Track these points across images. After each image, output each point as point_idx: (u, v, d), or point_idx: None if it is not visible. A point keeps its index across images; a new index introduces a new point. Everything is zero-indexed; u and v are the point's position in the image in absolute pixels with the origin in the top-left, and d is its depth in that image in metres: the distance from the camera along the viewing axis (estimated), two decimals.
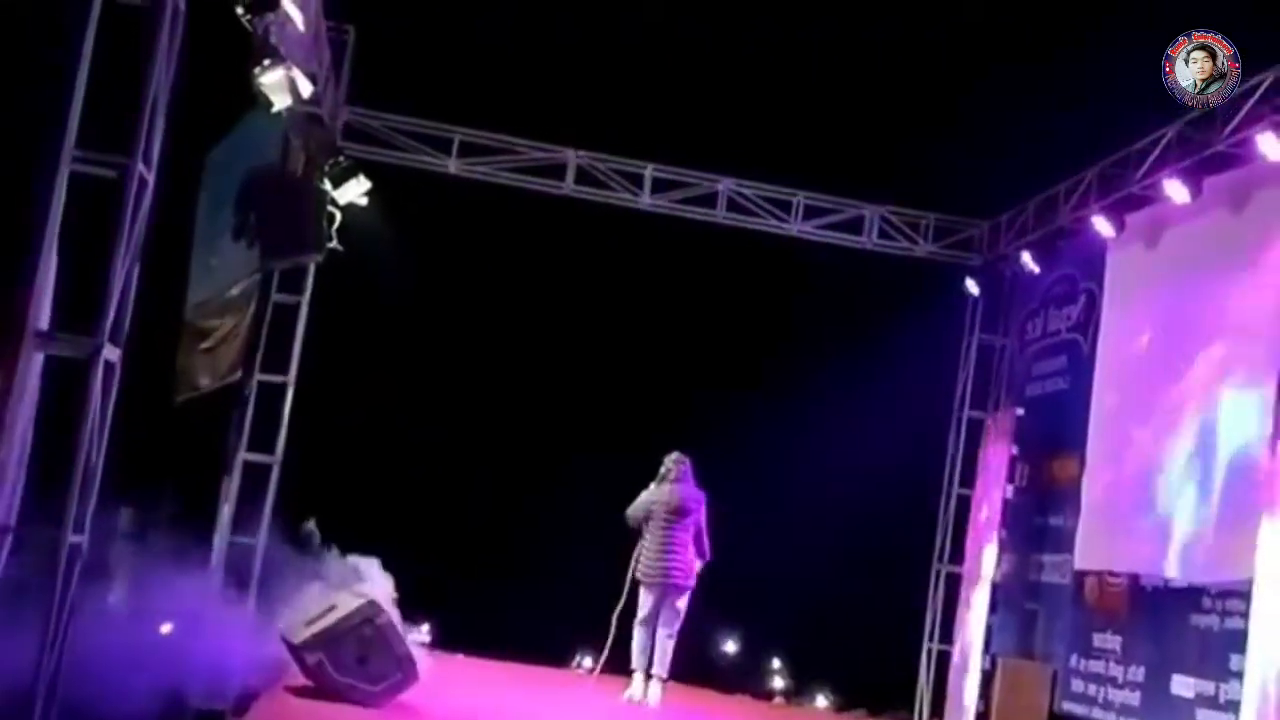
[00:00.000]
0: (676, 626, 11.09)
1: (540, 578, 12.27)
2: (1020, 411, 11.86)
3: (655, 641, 11.02)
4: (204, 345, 11.22)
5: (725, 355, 13.19)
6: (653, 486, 11.24)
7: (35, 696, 5.99)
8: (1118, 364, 11.17)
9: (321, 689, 8.54)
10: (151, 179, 6.48)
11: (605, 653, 11.38)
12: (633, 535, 11.23)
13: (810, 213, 12.94)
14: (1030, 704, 11.16)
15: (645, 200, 12.70)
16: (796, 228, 12.90)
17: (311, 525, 10.93)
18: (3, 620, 6.19)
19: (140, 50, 6.42)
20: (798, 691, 13.25)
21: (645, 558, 11.09)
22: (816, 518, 12.93)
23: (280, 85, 9.00)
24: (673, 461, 11.22)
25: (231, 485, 10.92)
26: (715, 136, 12.45)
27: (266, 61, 8.84)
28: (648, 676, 10.99)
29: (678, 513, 11.10)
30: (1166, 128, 10.09)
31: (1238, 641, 8.52)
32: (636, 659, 11.03)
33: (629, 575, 11.13)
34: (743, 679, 13.21)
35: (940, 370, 13.26)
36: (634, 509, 11.17)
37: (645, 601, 11.07)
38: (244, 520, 10.96)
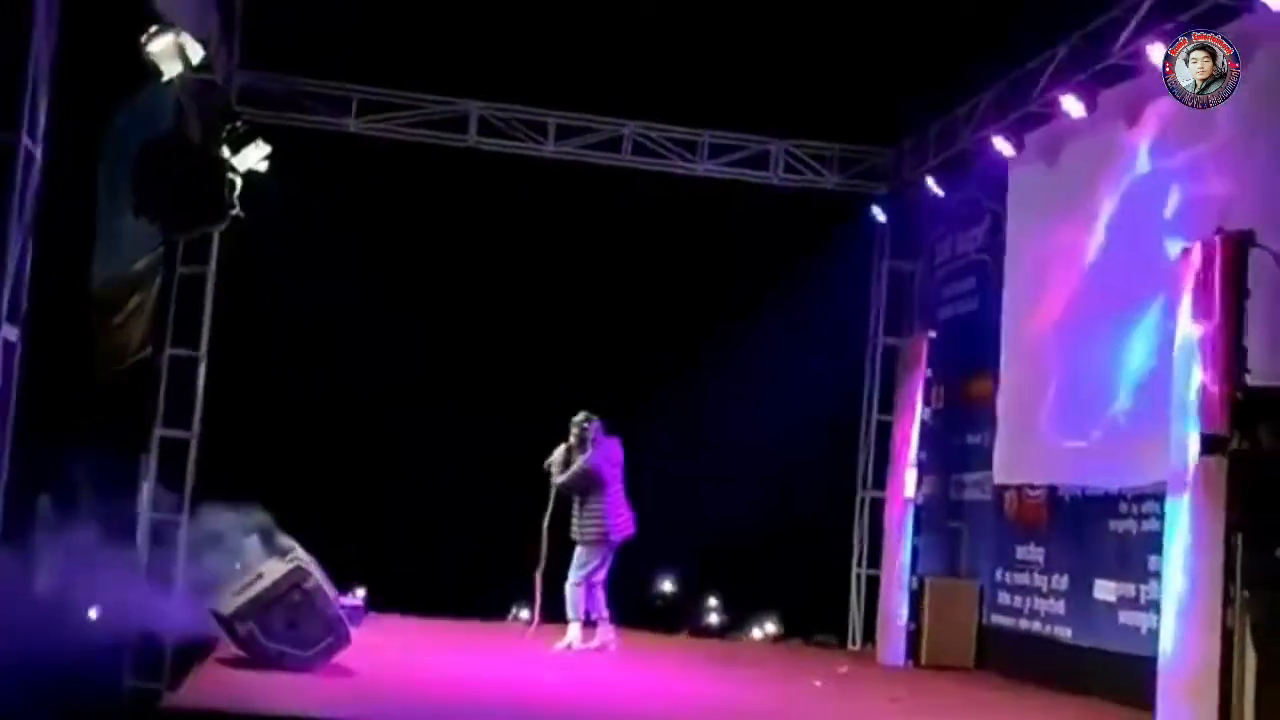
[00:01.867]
0: None
1: (467, 534, 12.26)
2: (933, 334, 12.00)
3: (591, 590, 11.03)
4: (113, 322, 11.04)
5: (638, 300, 13.17)
6: (560, 451, 11.06)
7: None
8: (1025, 281, 11.33)
9: (254, 658, 8.51)
10: (39, 153, 6.37)
11: (537, 613, 11.36)
12: (547, 495, 11.12)
13: (716, 151, 12.98)
14: (959, 621, 11.39)
15: (550, 148, 12.68)
16: (703, 167, 12.93)
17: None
18: None
19: (18, 21, 6.29)
20: (736, 626, 13.37)
21: (595, 518, 10.94)
22: (741, 455, 13.01)
23: (169, 52, 8.87)
24: (586, 421, 11.10)
25: (150, 463, 10.81)
26: (617, 80, 12.38)
27: (153, 29, 8.70)
28: (590, 624, 10.99)
29: (619, 466, 11.09)
30: (1059, 45, 10.19)
31: (1155, 543, 8.71)
32: (580, 610, 10.96)
33: (544, 534, 11.04)
34: (682, 619, 13.30)
35: (854, 300, 13.38)
36: (576, 476, 10.98)
37: (592, 559, 10.94)
38: (165, 497, 10.86)
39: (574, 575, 10.99)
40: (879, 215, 13.10)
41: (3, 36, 6.29)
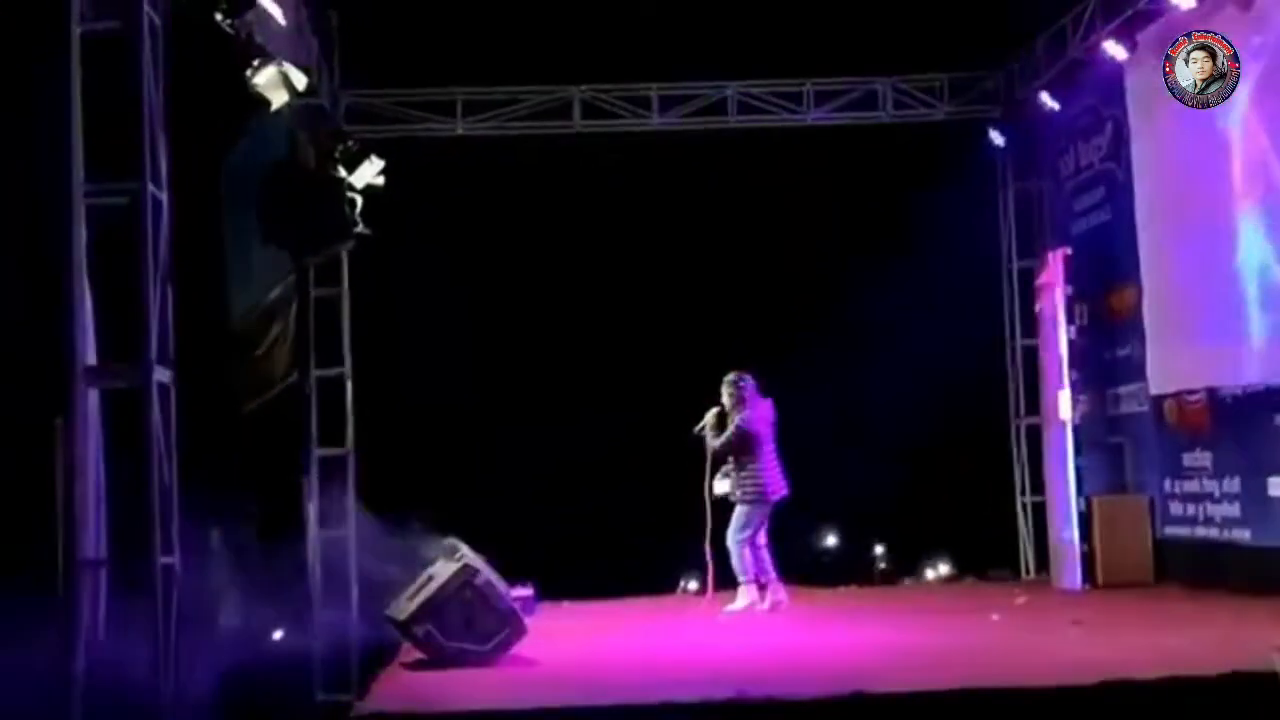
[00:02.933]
0: None
1: (625, 515, 12.32)
2: (1069, 251, 11.77)
3: (756, 552, 11.04)
4: (256, 353, 11.30)
5: (767, 259, 13.14)
6: (712, 414, 11.05)
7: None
8: (1156, 184, 11.08)
9: (435, 658, 8.68)
10: (165, 198, 6.52)
11: (711, 583, 11.36)
12: (704, 460, 11.09)
13: (822, 98, 12.86)
14: (1132, 537, 11.18)
15: (655, 121, 12.68)
16: (811, 116, 12.82)
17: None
18: (118, 650, 6.35)
19: (128, 72, 6.45)
20: (905, 571, 13.25)
21: (752, 478, 10.92)
22: (889, 400, 12.91)
23: (274, 83, 9.04)
24: (740, 380, 11.08)
25: (311, 483, 11.04)
26: (713, 43, 12.34)
27: (256, 62, 8.88)
28: (760, 585, 11.02)
29: (772, 425, 11.08)
30: None
31: None
32: (750, 572, 10.96)
33: (707, 500, 11.03)
34: (847, 571, 13.22)
35: (982, 227, 13.16)
36: (732, 438, 10.94)
37: (753, 519, 10.94)
38: (330, 515, 11.09)
39: (736, 536, 10.99)
40: (997, 139, 12.87)
41: (115, 87, 6.45)
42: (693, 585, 12.87)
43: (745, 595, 10.98)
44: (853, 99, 12.88)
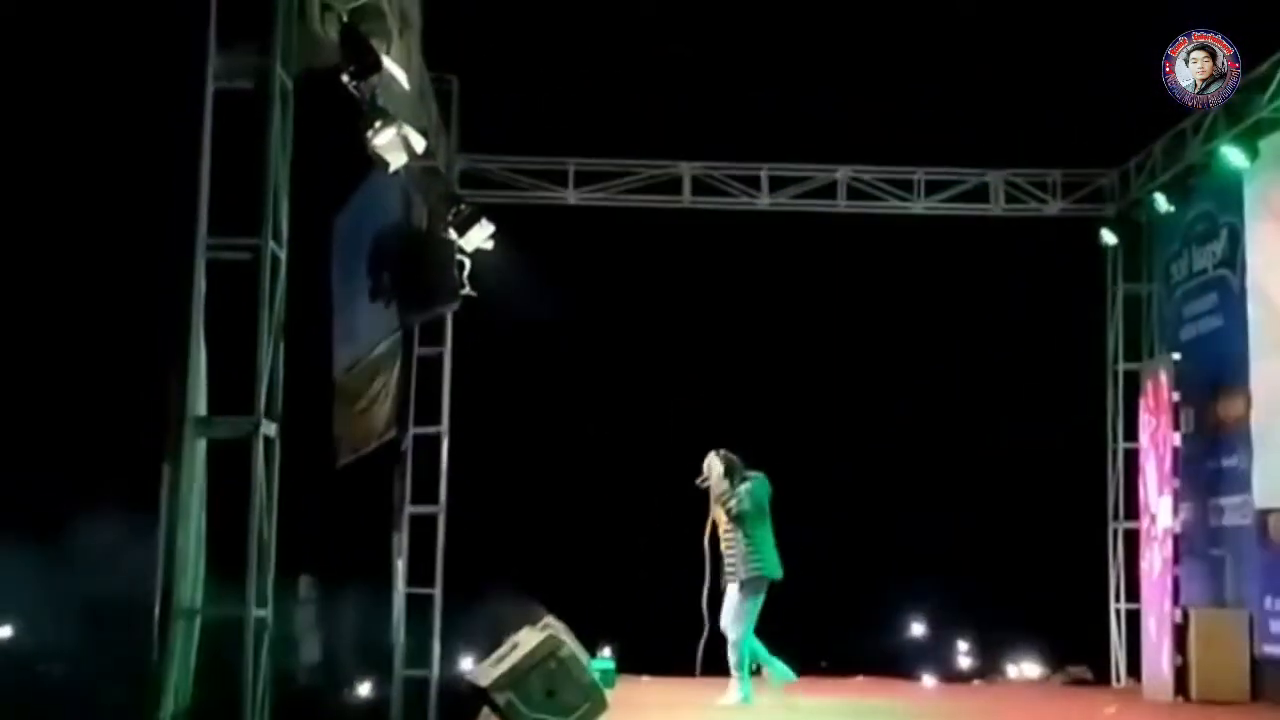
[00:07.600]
0: None
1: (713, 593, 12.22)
2: (1177, 356, 11.56)
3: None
4: (357, 408, 11.46)
5: (870, 346, 13.09)
6: (714, 484, 10.35)
7: None
8: (1272, 293, 10.87)
9: None
10: (284, 255, 6.66)
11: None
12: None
13: (933, 188, 12.81)
14: (1229, 653, 10.87)
15: (764, 200, 12.71)
16: (921, 205, 12.78)
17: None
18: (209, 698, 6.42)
19: (256, 132, 6.61)
20: (989, 668, 13.03)
21: (768, 556, 10.06)
22: (983, 493, 12.78)
23: (393, 144, 9.18)
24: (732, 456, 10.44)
25: (402, 539, 11.13)
26: (826, 126, 12.39)
27: (377, 124, 9.04)
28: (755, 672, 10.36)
29: None
30: None
31: None
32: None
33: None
34: (929, 663, 13.01)
35: (1088, 326, 13.03)
36: (754, 502, 10.11)
37: (760, 605, 10.14)
38: (418, 571, 11.16)
39: (743, 625, 10.11)
40: (1109, 239, 12.74)
41: (242, 146, 6.62)
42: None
43: (739, 687, 10.26)
44: (964, 190, 12.82)
